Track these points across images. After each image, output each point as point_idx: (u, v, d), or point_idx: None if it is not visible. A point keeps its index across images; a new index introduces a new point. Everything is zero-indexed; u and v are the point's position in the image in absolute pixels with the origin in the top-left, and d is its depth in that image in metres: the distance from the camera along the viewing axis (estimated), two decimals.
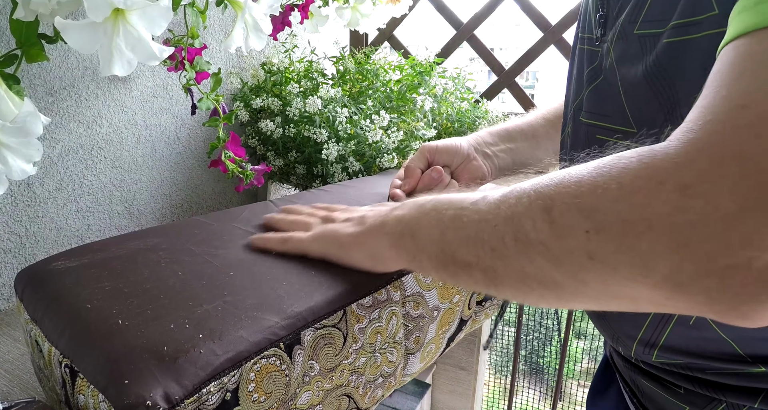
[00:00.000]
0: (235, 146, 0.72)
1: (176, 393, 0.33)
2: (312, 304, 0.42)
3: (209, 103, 0.68)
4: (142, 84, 0.87)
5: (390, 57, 1.08)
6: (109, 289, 0.43)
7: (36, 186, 0.75)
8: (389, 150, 0.88)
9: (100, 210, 0.85)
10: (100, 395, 0.34)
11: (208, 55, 0.98)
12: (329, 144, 0.87)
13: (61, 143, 0.77)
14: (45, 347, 0.41)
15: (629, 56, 0.41)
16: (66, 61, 0.76)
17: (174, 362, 0.34)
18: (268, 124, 0.93)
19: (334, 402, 0.44)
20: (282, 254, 0.49)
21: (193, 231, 0.55)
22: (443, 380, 0.95)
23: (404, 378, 0.53)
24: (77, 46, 0.43)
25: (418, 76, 1.01)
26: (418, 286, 0.50)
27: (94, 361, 0.36)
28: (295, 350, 0.39)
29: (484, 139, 0.68)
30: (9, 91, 0.46)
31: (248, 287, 0.43)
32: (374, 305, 0.46)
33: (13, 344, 0.65)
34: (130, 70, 0.45)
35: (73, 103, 0.77)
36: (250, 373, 0.36)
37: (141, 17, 0.44)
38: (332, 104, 0.90)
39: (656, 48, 0.38)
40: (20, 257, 0.76)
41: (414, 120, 0.94)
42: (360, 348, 0.45)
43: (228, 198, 1.10)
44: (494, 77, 1.22)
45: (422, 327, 0.52)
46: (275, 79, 1.00)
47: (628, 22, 0.41)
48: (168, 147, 0.94)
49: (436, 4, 1.23)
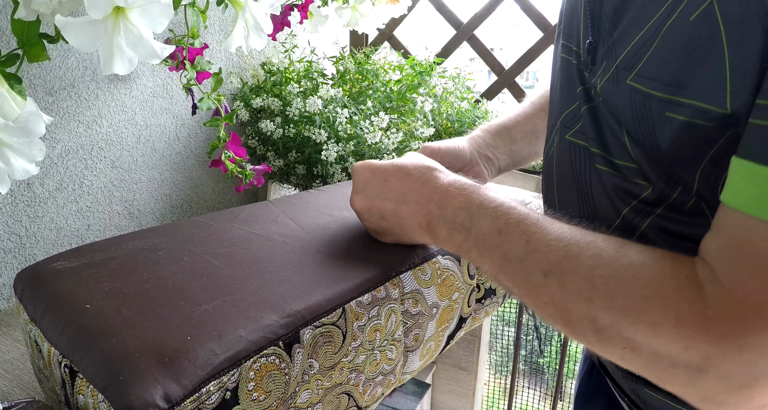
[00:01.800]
0: (235, 146, 0.72)
1: (176, 393, 0.33)
2: (311, 302, 0.42)
3: (210, 103, 0.68)
4: (142, 84, 0.87)
5: (390, 57, 1.09)
6: (109, 289, 0.43)
7: (36, 186, 0.75)
8: (389, 151, 0.88)
9: (100, 210, 0.85)
10: (99, 395, 0.34)
11: (209, 55, 0.98)
12: (329, 145, 0.87)
13: (61, 143, 0.77)
14: (45, 347, 0.41)
15: (618, 104, 0.40)
16: (66, 61, 0.76)
17: (173, 362, 0.34)
18: (268, 124, 0.93)
19: (334, 400, 0.44)
20: (280, 253, 0.49)
21: (193, 231, 0.55)
22: (443, 380, 0.95)
23: (404, 375, 0.53)
24: (78, 44, 0.43)
25: (418, 76, 1.01)
26: (416, 283, 0.50)
27: (94, 361, 0.36)
28: (295, 348, 0.39)
29: (486, 141, 0.66)
30: (11, 91, 0.46)
31: (247, 286, 0.43)
32: (373, 302, 0.46)
33: (13, 344, 0.65)
34: (131, 69, 0.45)
35: (73, 103, 0.78)
36: (250, 372, 0.36)
37: (142, 15, 0.44)
38: (332, 104, 0.90)
39: (647, 107, 0.37)
40: (20, 257, 0.76)
41: (414, 120, 0.94)
42: (359, 346, 0.45)
43: (228, 198, 1.10)
44: (494, 77, 1.22)
45: (421, 325, 0.52)
46: (275, 79, 1.00)
47: (624, 68, 0.39)
48: (168, 147, 0.94)
49: (436, 4, 1.23)
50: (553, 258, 0.38)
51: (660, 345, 0.33)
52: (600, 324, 0.35)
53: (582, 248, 0.37)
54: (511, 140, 0.66)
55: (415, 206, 0.48)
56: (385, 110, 0.96)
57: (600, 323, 0.35)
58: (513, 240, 0.41)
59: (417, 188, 0.48)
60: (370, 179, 0.51)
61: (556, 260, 0.38)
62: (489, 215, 0.43)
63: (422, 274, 0.51)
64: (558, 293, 0.37)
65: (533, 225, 0.40)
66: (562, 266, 0.37)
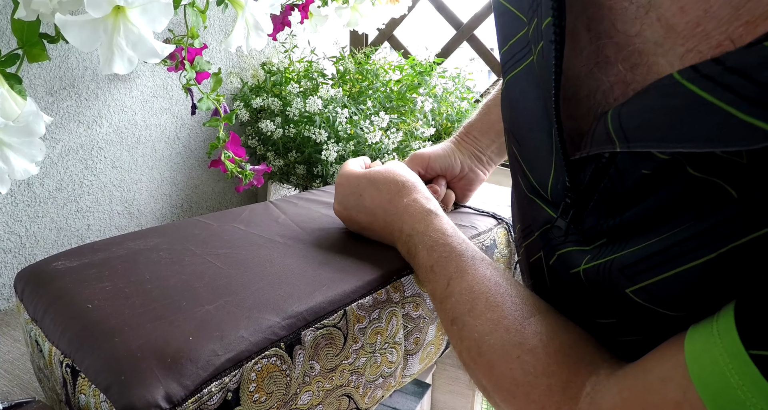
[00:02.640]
0: (235, 146, 0.72)
1: (178, 393, 0.33)
2: (312, 304, 0.42)
3: (209, 103, 0.68)
4: (142, 84, 0.87)
5: (390, 57, 1.08)
6: (110, 289, 0.43)
7: (36, 186, 0.75)
8: (389, 151, 0.88)
9: (100, 210, 0.85)
10: (101, 395, 0.34)
11: (208, 55, 0.98)
12: (329, 145, 0.87)
13: (61, 143, 0.77)
14: (45, 347, 0.41)
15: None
16: (66, 61, 0.76)
17: (175, 362, 0.34)
18: (268, 124, 0.93)
19: (335, 402, 0.44)
20: (282, 254, 0.49)
21: (194, 232, 0.55)
22: (443, 380, 0.95)
23: (404, 378, 0.53)
24: (77, 43, 0.42)
25: (418, 76, 1.01)
26: (417, 287, 0.50)
27: (96, 361, 0.36)
28: (296, 350, 0.39)
29: (477, 143, 0.66)
30: (11, 91, 0.46)
31: (249, 287, 0.43)
32: (374, 305, 0.46)
33: (13, 344, 0.65)
34: (131, 69, 0.45)
35: (73, 103, 0.77)
36: (251, 373, 0.36)
37: (142, 14, 0.44)
38: (332, 104, 0.90)
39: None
40: (20, 257, 0.76)
41: (414, 120, 0.94)
42: (360, 348, 0.45)
43: (228, 198, 1.10)
44: (494, 77, 1.22)
45: (422, 328, 0.52)
46: (275, 80, 1.00)
47: None
48: (168, 147, 0.94)
49: (436, 4, 1.23)
50: (460, 309, 0.38)
51: None
52: (482, 384, 0.36)
53: (489, 305, 0.37)
54: (497, 134, 0.65)
55: (383, 222, 0.50)
56: (385, 110, 0.95)
57: (482, 384, 0.36)
58: (438, 280, 0.41)
59: (384, 205, 0.49)
60: (346, 191, 0.53)
61: (463, 312, 0.38)
62: (426, 250, 0.44)
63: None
64: (457, 344, 0.38)
65: (458, 270, 0.40)
66: (464, 320, 0.38)
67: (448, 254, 0.42)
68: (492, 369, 0.34)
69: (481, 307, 0.37)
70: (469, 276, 0.39)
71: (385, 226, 0.50)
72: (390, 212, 0.49)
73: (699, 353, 0.24)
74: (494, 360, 0.34)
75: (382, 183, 0.51)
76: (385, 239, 0.52)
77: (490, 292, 0.38)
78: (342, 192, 0.54)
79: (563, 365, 0.32)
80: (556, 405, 0.31)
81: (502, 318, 0.36)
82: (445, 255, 0.42)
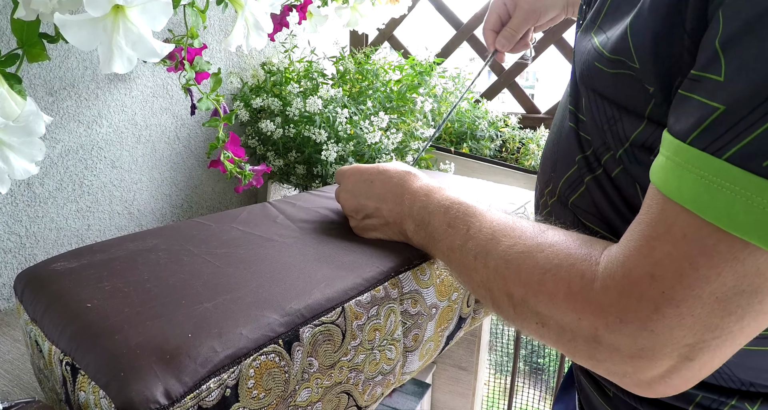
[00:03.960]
0: (234, 146, 0.72)
1: (176, 390, 0.33)
2: (311, 301, 0.42)
3: (209, 103, 0.68)
4: (142, 84, 0.88)
5: (390, 57, 1.09)
6: (109, 289, 0.43)
7: (36, 186, 0.75)
8: (389, 151, 0.88)
9: (100, 210, 0.85)
10: (100, 391, 0.34)
11: (208, 55, 0.98)
12: (329, 145, 0.87)
13: (61, 143, 0.77)
14: (45, 346, 0.41)
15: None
16: (66, 61, 0.76)
17: (174, 359, 0.34)
18: (268, 124, 0.93)
19: (334, 399, 0.44)
20: (280, 253, 0.50)
21: (192, 232, 0.55)
22: (443, 380, 0.95)
23: (404, 376, 0.53)
24: (77, 42, 0.43)
25: (418, 76, 1.01)
26: (415, 283, 0.50)
27: (96, 358, 0.36)
28: (294, 347, 0.39)
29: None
30: (11, 91, 0.46)
31: (247, 285, 0.43)
32: (372, 302, 0.46)
33: (13, 344, 0.65)
34: (131, 68, 0.45)
35: (73, 103, 0.78)
36: (250, 370, 0.37)
37: (141, 13, 0.44)
38: (332, 104, 0.90)
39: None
40: (20, 257, 0.76)
41: (414, 120, 0.94)
42: (359, 345, 0.45)
43: (228, 198, 1.10)
44: (494, 77, 1.22)
45: (420, 325, 0.52)
46: (275, 79, 1.00)
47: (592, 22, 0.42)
48: (168, 147, 0.94)
49: (436, 4, 1.23)
50: (481, 242, 0.41)
51: (559, 316, 0.34)
52: (515, 299, 0.37)
53: (507, 232, 0.40)
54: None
55: (392, 205, 0.52)
56: (385, 110, 0.96)
57: (514, 298, 0.37)
58: (457, 231, 0.45)
59: (394, 190, 0.53)
60: (357, 180, 0.57)
61: (483, 243, 0.41)
62: (441, 211, 0.47)
63: (421, 274, 0.51)
64: (483, 274, 0.41)
65: (475, 216, 0.44)
66: (487, 248, 0.41)
67: (465, 209, 0.46)
68: (520, 271, 0.37)
69: (501, 234, 0.41)
70: (486, 219, 0.43)
71: (393, 208, 0.52)
72: (399, 195, 0.52)
73: (665, 179, 0.30)
74: (520, 263, 0.37)
75: (393, 171, 0.55)
76: (387, 224, 0.53)
77: (507, 224, 0.42)
78: (352, 180, 0.57)
79: (581, 247, 0.36)
80: (579, 273, 0.34)
81: (522, 233, 0.40)
82: (463, 210, 0.46)
